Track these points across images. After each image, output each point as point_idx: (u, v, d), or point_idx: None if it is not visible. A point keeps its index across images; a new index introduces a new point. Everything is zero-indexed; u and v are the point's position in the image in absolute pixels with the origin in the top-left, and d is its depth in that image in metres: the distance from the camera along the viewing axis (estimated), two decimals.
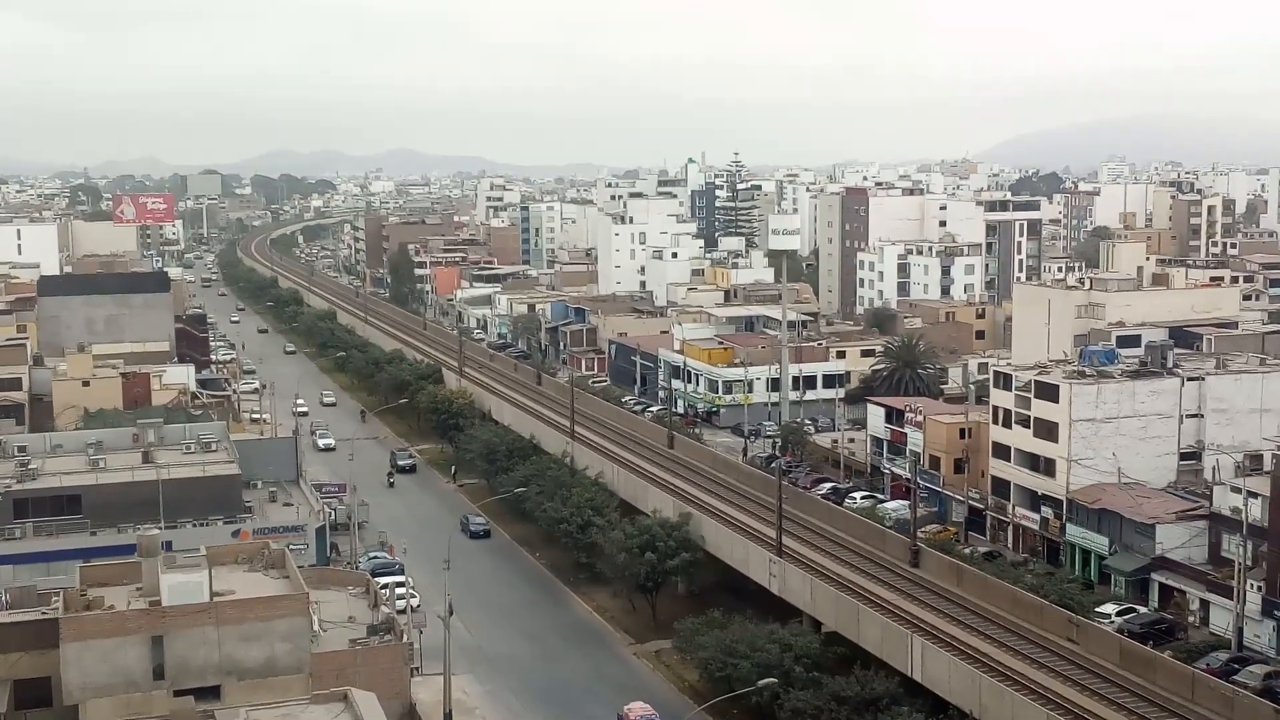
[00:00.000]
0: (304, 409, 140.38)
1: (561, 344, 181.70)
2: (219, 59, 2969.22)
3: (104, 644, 49.01)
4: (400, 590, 72.22)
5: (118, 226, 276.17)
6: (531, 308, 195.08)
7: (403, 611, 63.15)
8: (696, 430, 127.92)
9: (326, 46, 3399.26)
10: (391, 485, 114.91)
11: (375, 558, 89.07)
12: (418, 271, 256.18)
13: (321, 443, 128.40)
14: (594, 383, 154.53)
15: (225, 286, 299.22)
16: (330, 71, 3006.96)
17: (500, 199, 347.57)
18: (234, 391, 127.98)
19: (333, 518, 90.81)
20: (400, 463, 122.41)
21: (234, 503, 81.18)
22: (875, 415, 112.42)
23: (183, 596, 50.69)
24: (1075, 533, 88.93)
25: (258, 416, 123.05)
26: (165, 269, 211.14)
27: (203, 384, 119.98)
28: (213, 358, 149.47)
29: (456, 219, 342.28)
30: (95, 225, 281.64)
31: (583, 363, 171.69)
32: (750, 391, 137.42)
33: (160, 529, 70.81)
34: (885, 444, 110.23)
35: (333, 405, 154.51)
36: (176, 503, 78.12)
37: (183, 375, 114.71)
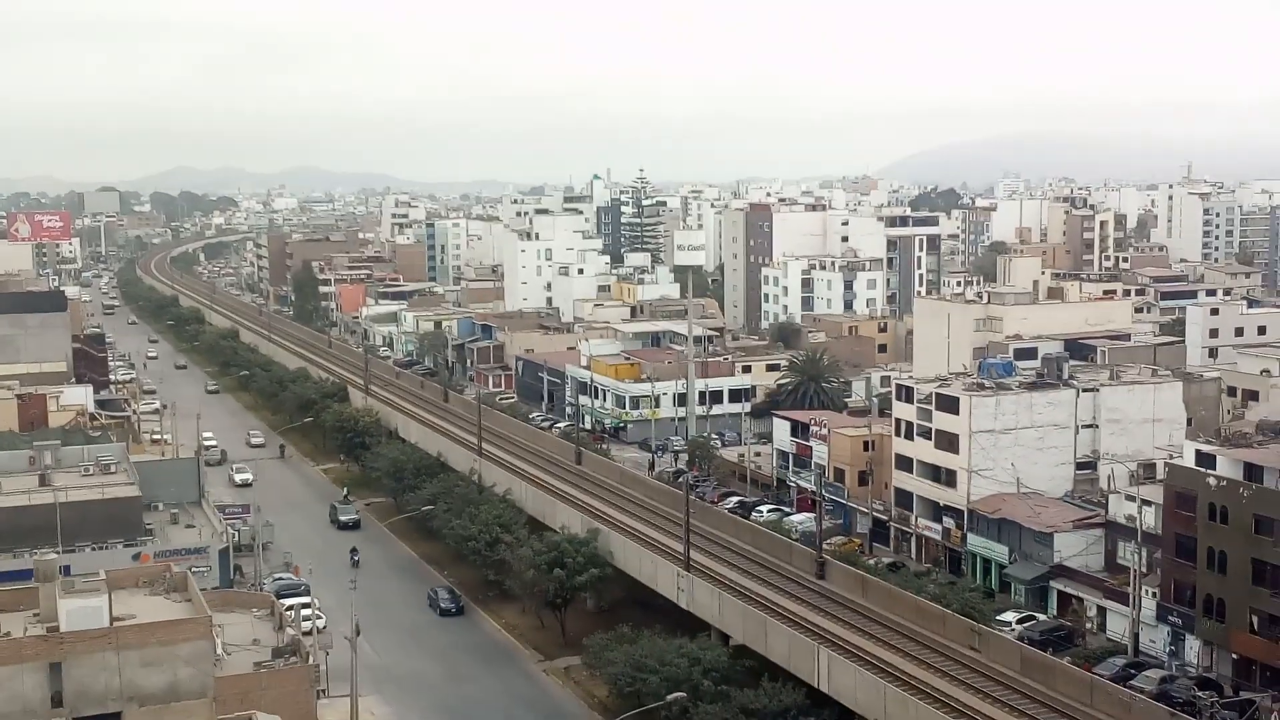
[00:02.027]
0: (211, 441, 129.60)
1: (468, 361, 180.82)
2: (118, 75, 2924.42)
3: (0, 672, 47.76)
4: (306, 612, 71.23)
5: (12, 245, 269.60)
6: (438, 325, 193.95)
7: (308, 633, 62.29)
8: (604, 446, 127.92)
9: (228, 64, 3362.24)
10: (356, 564, 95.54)
11: (280, 579, 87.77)
12: (322, 289, 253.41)
13: (239, 478, 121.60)
14: (501, 399, 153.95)
15: (135, 315, 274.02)
16: (232, 89, 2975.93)
17: (405, 216, 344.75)
18: (134, 412, 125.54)
19: (236, 539, 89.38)
20: (343, 518, 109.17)
21: (134, 525, 79.63)
22: (781, 429, 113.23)
23: (81, 622, 49.65)
24: (976, 542, 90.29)
25: (158, 437, 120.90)
26: (62, 288, 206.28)
27: (101, 404, 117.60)
28: (112, 378, 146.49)
29: (361, 236, 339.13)
30: None
31: (490, 379, 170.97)
32: (657, 407, 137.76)
33: (58, 553, 69.35)
34: (791, 457, 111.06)
35: (260, 445, 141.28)
36: (75, 526, 76.52)
37: (81, 396, 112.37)
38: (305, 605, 73.40)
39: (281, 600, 65.50)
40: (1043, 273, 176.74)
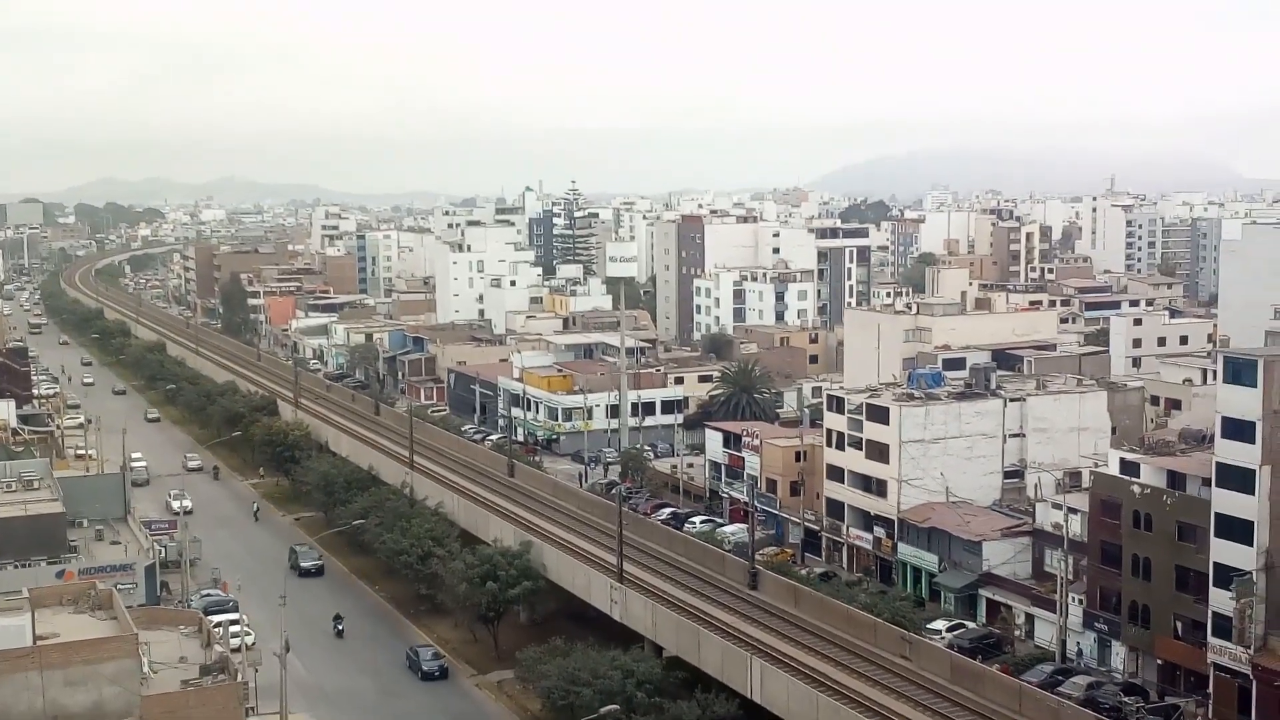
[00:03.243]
0: (139, 461, 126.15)
1: (400, 373, 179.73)
2: (40, 87, 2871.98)
3: None
4: (235, 628, 70.29)
5: None
6: (369, 337, 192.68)
7: (237, 650, 61.53)
8: (537, 458, 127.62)
9: (153, 75, 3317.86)
10: (340, 634, 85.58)
11: (208, 595, 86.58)
12: (251, 301, 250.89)
13: (176, 506, 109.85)
14: (433, 412, 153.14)
15: (65, 334, 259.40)
16: (158, 100, 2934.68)
17: (336, 228, 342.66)
18: (58, 427, 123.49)
19: (163, 555, 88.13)
20: (304, 563, 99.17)
21: (58, 542, 78.34)
22: (713, 440, 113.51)
23: (4, 641, 48.74)
24: (907, 551, 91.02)
25: (83, 452, 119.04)
26: None
27: (24, 419, 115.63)
28: (35, 392, 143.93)
29: (291, 248, 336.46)
30: None
31: (422, 392, 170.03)
32: (590, 418, 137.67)
33: None
34: (724, 468, 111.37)
35: (199, 469, 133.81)
36: None
37: (2, 411, 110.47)
38: (234, 622, 72.41)
39: (209, 617, 64.62)
40: (970, 284, 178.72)
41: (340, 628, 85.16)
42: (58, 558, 76.63)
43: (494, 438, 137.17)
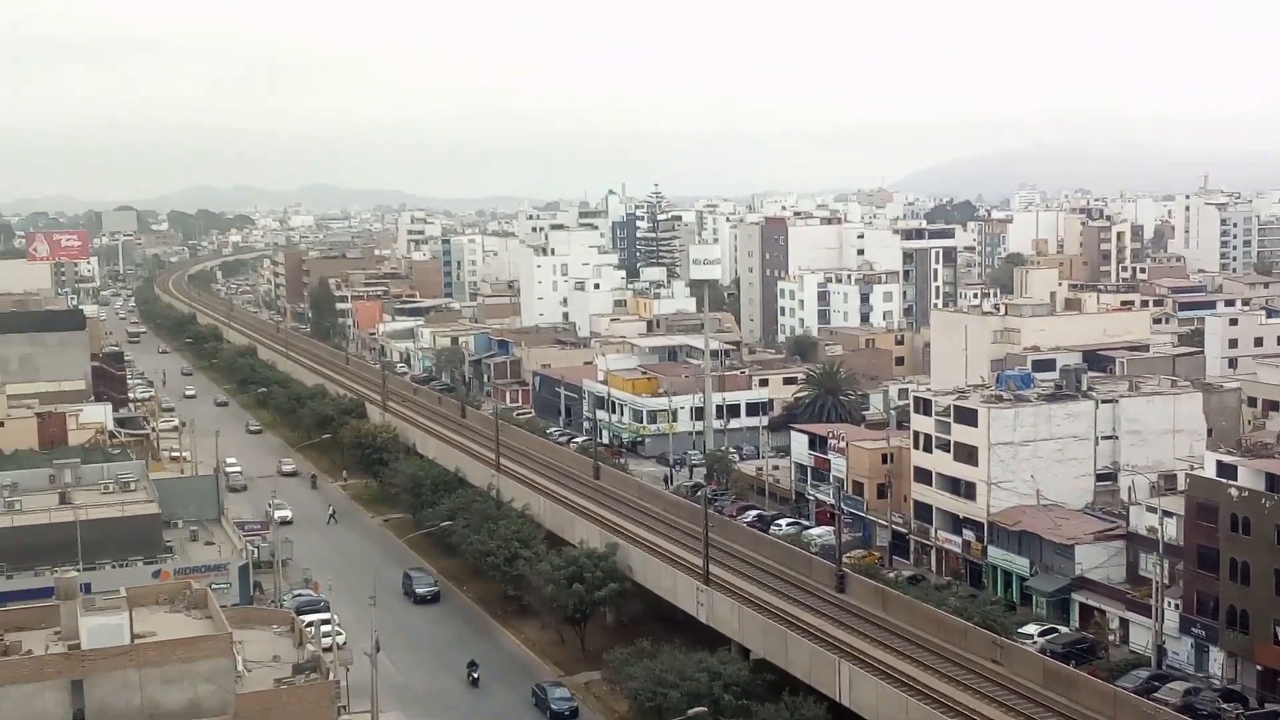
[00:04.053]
0: (235, 466, 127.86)
1: (485, 376, 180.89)
2: (133, 94, 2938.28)
3: (22, 689, 47.89)
4: (326, 628, 71.12)
5: (31, 264, 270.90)
6: (455, 341, 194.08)
7: (329, 649, 62.23)
8: (622, 460, 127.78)
9: (237, 84, 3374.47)
10: (474, 682, 78.03)
11: (300, 595, 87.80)
12: (339, 306, 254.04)
13: (278, 515, 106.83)
14: (519, 415, 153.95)
15: (162, 340, 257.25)
16: (243, 108, 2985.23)
17: (421, 232, 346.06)
18: (153, 430, 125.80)
19: (256, 555, 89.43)
20: (419, 589, 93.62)
21: (154, 542, 79.75)
22: (799, 442, 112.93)
23: (102, 639, 49.67)
24: (996, 555, 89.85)
25: (178, 454, 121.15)
26: (80, 307, 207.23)
27: (120, 422, 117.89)
28: (131, 396, 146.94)
29: (377, 253, 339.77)
30: (8, 263, 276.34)
31: (507, 395, 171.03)
32: (674, 421, 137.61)
33: (78, 571, 69.49)
34: (809, 470, 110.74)
35: (293, 474, 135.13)
36: (95, 544, 76.71)
37: (100, 414, 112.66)
38: (325, 621, 73.33)
39: (301, 616, 65.46)
40: (1060, 284, 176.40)
41: (475, 675, 77.45)
42: (154, 558, 78.02)
43: (579, 440, 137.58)
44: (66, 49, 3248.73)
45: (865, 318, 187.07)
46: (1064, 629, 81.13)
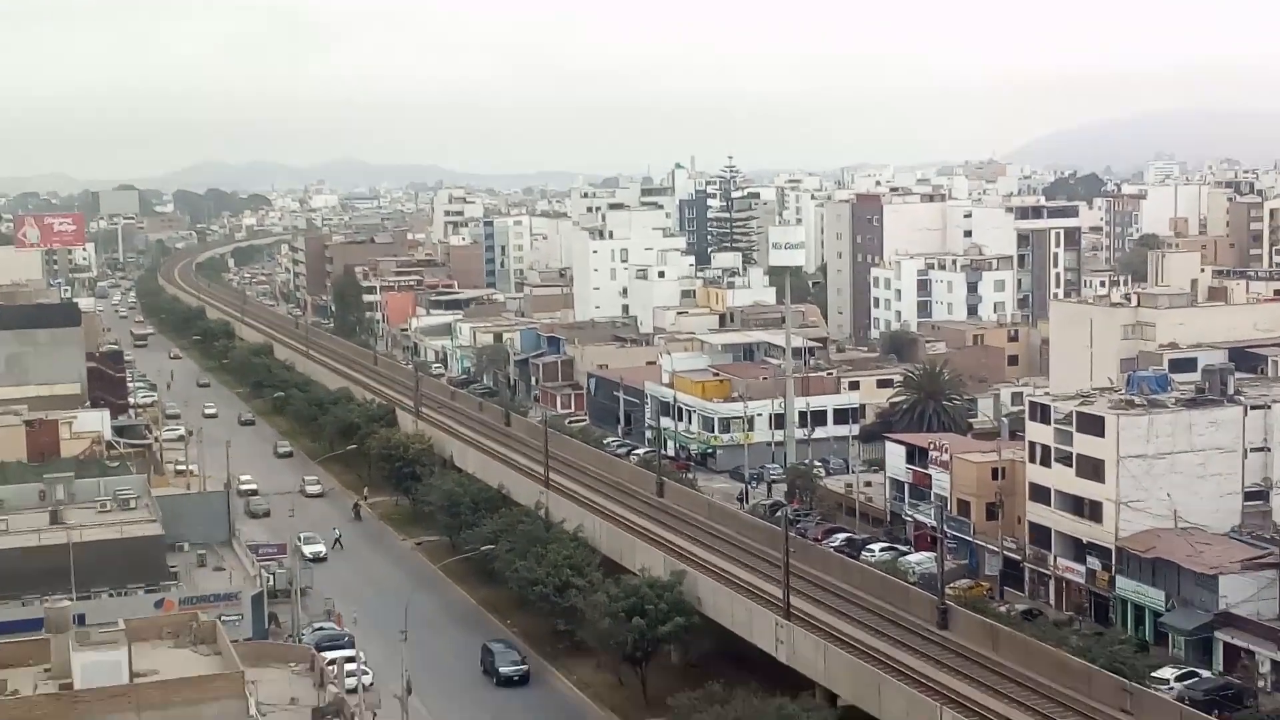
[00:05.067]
0: (250, 484, 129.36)
1: (533, 379, 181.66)
2: (134, 60, 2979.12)
3: None
4: (350, 666, 71.88)
5: (20, 251, 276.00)
6: (498, 338, 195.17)
7: (353, 691, 62.89)
8: (689, 475, 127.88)
9: (254, 43, 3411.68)
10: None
11: (321, 629, 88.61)
12: (366, 298, 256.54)
13: (309, 551, 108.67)
14: (571, 422, 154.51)
15: (170, 340, 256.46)
16: (261, 72, 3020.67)
17: (460, 213, 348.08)
18: (156, 440, 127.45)
19: (271, 583, 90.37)
20: (503, 668, 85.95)
21: (157, 568, 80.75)
22: (894, 454, 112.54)
23: (98, 678, 50.38)
24: (1126, 586, 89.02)
25: (184, 468, 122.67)
26: (75, 299, 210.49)
27: (119, 431, 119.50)
28: (131, 401, 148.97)
29: (410, 237, 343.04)
30: None
31: (558, 399, 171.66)
32: (750, 430, 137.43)
33: (71, 600, 70.43)
34: (906, 487, 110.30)
35: (319, 495, 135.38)
36: (90, 569, 77.56)
37: (96, 422, 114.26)
38: (349, 659, 74.00)
39: (323, 654, 66.07)
40: (1202, 270, 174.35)
41: None
42: (156, 585, 78.99)
43: (640, 452, 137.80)
44: (52, 9, 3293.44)
45: (973, 310, 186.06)
46: (1206, 673, 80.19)
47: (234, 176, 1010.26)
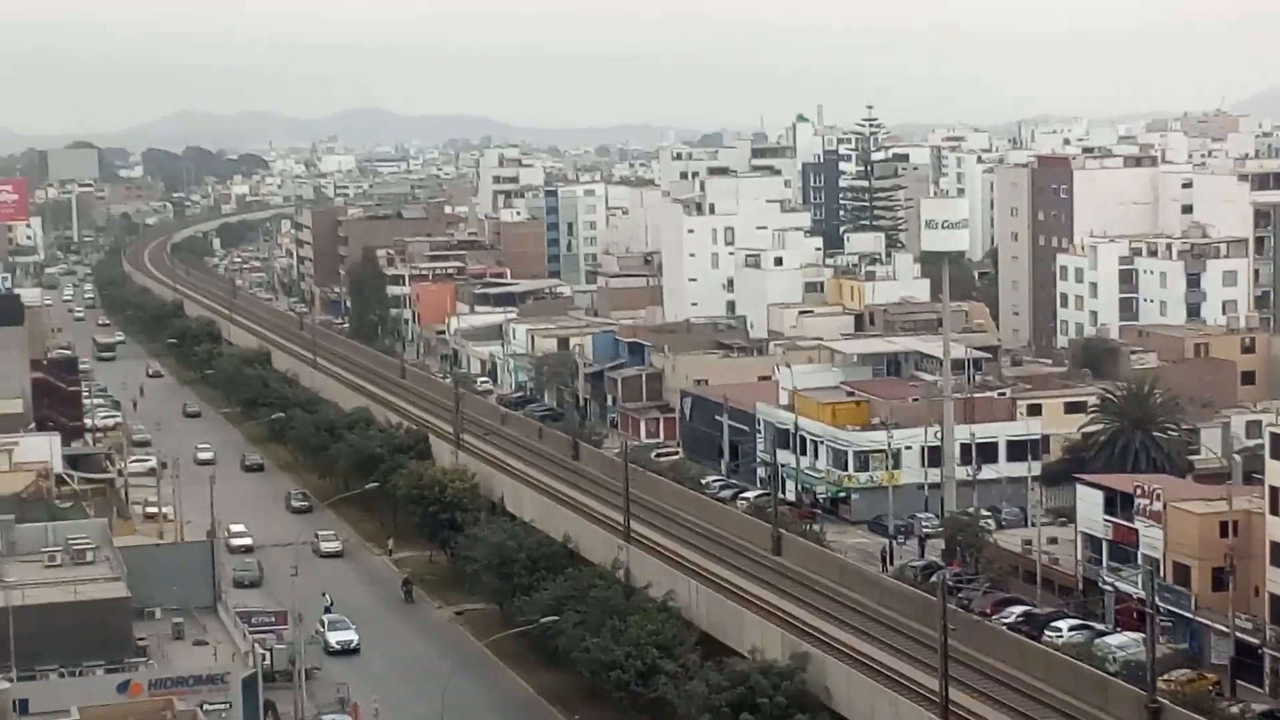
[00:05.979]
0: (244, 537, 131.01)
1: (609, 398, 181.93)
2: None
3: None
4: None
5: None
6: (563, 344, 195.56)
7: None
8: (816, 527, 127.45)
9: None
10: None
11: None
12: (391, 291, 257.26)
13: (336, 640, 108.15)
14: (660, 455, 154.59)
15: (159, 366, 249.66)
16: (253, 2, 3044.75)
17: (514, 180, 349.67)
18: (119, 473, 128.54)
19: (268, 662, 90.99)
20: None
21: (120, 641, 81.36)
22: (1089, 502, 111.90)
23: None
24: None
25: (155, 510, 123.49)
26: (16, 291, 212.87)
27: (73, 462, 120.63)
28: (88, 422, 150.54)
29: (448, 211, 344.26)
30: None
31: (643, 426, 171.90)
32: (896, 468, 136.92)
33: (10, 682, 71.15)
34: (1105, 546, 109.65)
35: (337, 555, 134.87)
36: (35, 641, 78.28)
37: (43, 449, 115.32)
38: None
39: None
40: None
41: None
42: (119, 663, 79.49)
43: (750, 496, 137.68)
44: None
45: (1194, 310, 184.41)
46: None
47: (221, 131, 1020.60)
